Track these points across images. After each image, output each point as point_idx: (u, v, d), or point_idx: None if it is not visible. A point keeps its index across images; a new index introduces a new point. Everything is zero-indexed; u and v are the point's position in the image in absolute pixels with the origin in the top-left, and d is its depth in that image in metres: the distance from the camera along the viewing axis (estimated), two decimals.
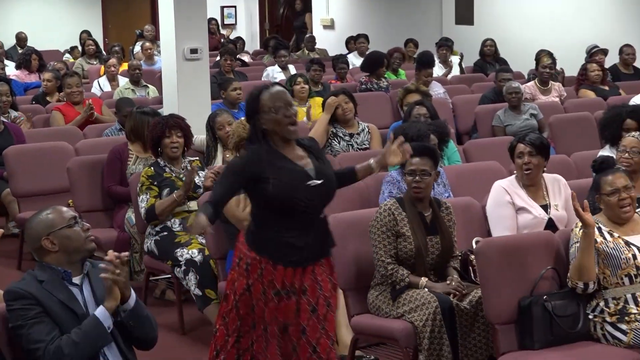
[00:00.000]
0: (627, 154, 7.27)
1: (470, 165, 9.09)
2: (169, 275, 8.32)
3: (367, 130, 10.07)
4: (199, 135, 9.47)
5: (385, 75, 14.26)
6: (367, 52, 16.32)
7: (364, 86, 13.51)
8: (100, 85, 15.12)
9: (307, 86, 12.22)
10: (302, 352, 5.40)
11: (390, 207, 6.55)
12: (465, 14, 20.19)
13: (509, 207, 7.02)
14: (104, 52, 19.45)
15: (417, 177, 6.55)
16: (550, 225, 6.97)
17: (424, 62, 13.37)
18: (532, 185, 7.12)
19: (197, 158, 8.82)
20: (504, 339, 6.01)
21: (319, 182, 5.29)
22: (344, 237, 6.67)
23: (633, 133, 7.58)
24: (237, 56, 17.40)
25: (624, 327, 5.94)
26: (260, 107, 5.31)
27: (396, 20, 21.26)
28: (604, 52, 14.98)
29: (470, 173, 8.59)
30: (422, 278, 6.44)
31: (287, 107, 5.31)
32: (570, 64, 15.29)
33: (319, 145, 5.61)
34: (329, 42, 21.79)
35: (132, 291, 4.89)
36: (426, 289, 6.36)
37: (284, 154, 5.33)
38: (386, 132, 10.01)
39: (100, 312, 4.74)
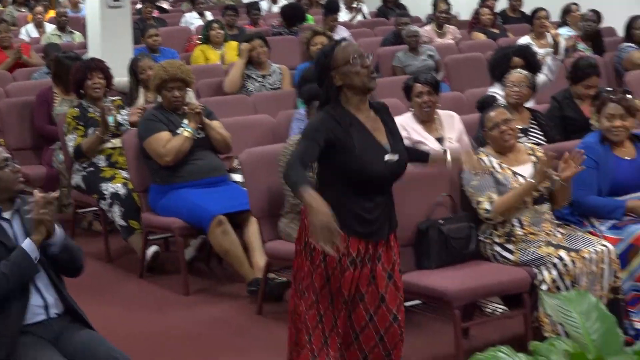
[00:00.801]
0: (516, 88, 7.35)
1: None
2: (96, 208, 8.30)
3: (278, 71, 10.07)
4: (122, 78, 9.40)
5: None
6: None
7: (275, 30, 13.45)
8: (28, 32, 14.93)
9: (222, 31, 12.15)
10: (381, 321, 4.75)
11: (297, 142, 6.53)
12: None
13: (406, 142, 7.05)
14: (32, 0, 19.09)
15: None
16: None
17: (330, 8, 13.39)
18: (429, 120, 7.17)
19: (119, 97, 8.78)
20: (403, 260, 6.02)
21: (395, 158, 4.64)
22: (257, 169, 6.73)
23: (519, 70, 7.67)
24: (157, 3, 17.21)
25: (511, 247, 6.02)
26: (334, 62, 4.56)
27: None
28: None
29: None
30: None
31: (363, 57, 4.57)
32: (464, 8, 15.38)
33: (389, 110, 4.86)
34: None
35: (58, 226, 4.83)
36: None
37: (359, 119, 4.61)
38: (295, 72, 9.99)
39: (27, 244, 4.67)
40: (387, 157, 4.59)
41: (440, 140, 7.11)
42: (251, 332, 6.58)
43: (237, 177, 7.62)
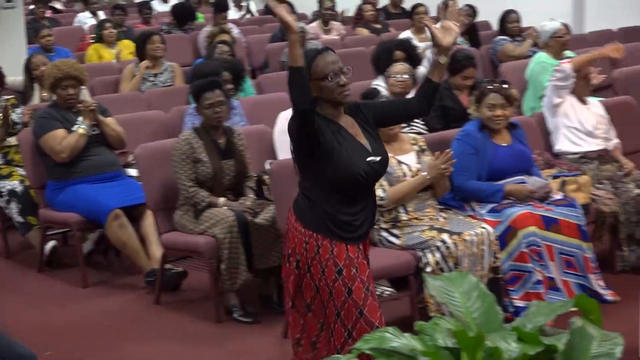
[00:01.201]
0: (400, 79, 7.41)
1: (264, 96, 9.10)
2: None
3: (170, 69, 9.97)
4: (16, 77, 9.25)
5: None
6: None
7: (167, 28, 13.33)
8: None
9: (115, 30, 12.02)
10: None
11: (188, 136, 6.56)
12: None
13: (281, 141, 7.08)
14: None
15: (216, 108, 6.56)
16: None
17: (220, 7, 13.31)
18: None
19: (13, 96, 8.62)
20: None
21: (378, 159, 4.44)
22: (151, 164, 6.71)
23: (401, 62, 7.72)
24: (50, 4, 16.92)
25: (396, 232, 6.06)
26: (312, 73, 4.35)
27: None
28: None
29: (264, 104, 8.59)
30: (220, 198, 6.48)
31: (340, 76, 4.35)
32: (348, 4, 15.44)
33: (362, 111, 4.59)
34: None
35: None
36: (224, 207, 6.40)
37: (339, 122, 4.43)
38: (188, 69, 9.91)
39: None
40: (369, 158, 4.41)
41: None
42: (150, 322, 6.52)
43: (132, 172, 7.53)
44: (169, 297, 6.86)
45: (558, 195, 6.56)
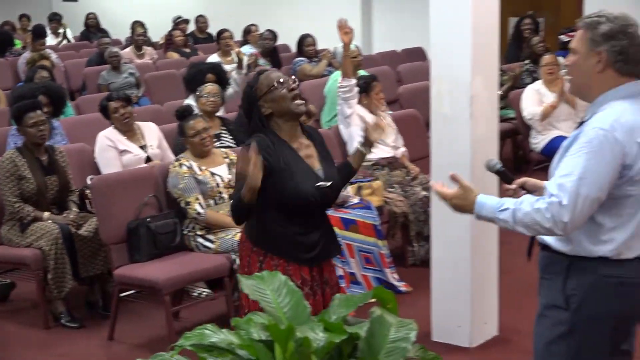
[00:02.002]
0: (212, 98, 7.41)
1: (82, 117, 8.91)
2: None
3: None
4: None
5: None
6: None
7: None
8: None
9: None
10: None
11: (12, 155, 6.39)
12: None
13: (112, 150, 6.95)
14: None
15: (40, 127, 6.41)
16: (149, 160, 6.97)
17: (38, 34, 12.99)
18: (130, 131, 7.08)
19: None
20: (117, 255, 5.97)
21: (328, 184, 4.12)
22: None
23: (211, 83, 7.72)
24: None
25: (211, 237, 6.05)
26: (259, 91, 4.08)
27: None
28: (186, 21, 15.11)
29: (83, 124, 8.43)
30: (45, 212, 6.31)
31: (287, 81, 4.10)
32: (159, 31, 15.33)
33: (321, 136, 4.36)
34: None
35: None
36: (49, 221, 6.24)
37: (292, 146, 4.12)
38: (8, 92, 9.61)
39: None
40: (319, 183, 4.09)
41: (143, 147, 7.05)
42: None
43: None
44: None
45: (355, 200, 6.68)
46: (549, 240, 3.34)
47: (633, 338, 3.47)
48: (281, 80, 4.09)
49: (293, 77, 4.17)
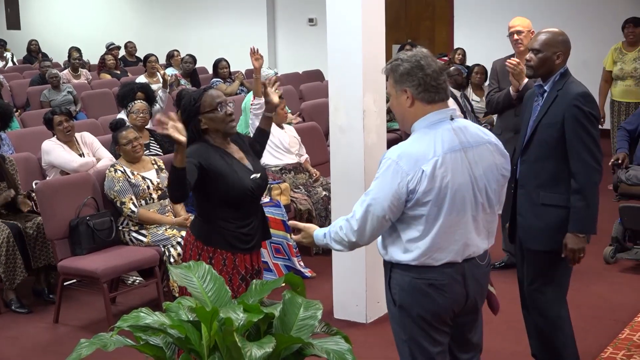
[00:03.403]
0: (141, 114, 7.28)
1: (27, 130, 8.71)
2: None
3: None
4: None
5: None
6: None
7: None
8: None
9: None
10: None
11: None
12: (14, 22, 19.39)
13: (60, 148, 6.80)
14: None
15: None
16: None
17: None
18: (70, 141, 6.94)
19: None
20: (60, 249, 5.86)
21: (258, 175, 4.07)
22: None
23: (141, 100, 7.59)
24: None
25: (144, 232, 5.97)
26: (202, 108, 3.97)
27: None
28: (118, 47, 14.87)
29: (28, 136, 8.25)
30: None
31: (226, 106, 4.01)
32: (94, 55, 15.12)
33: (242, 138, 4.29)
34: None
35: None
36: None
37: (226, 150, 4.05)
38: None
39: None
40: (252, 176, 4.03)
41: (81, 155, 6.91)
42: None
43: None
44: None
45: (266, 199, 6.68)
46: (379, 247, 3.34)
47: (477, 329, 3.43)
48: (221, 104, 4.01)
49: (230, 102, 4.10)
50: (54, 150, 6.85)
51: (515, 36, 6.24)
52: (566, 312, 4.31)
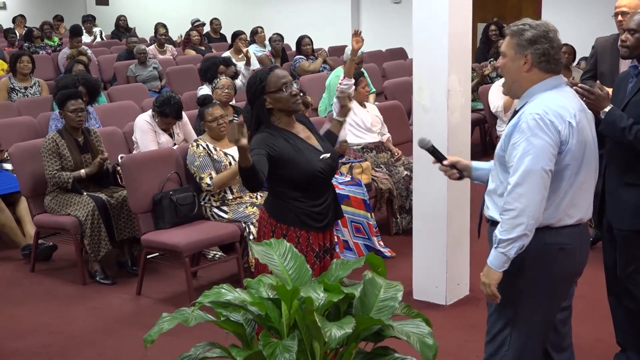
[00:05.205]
0: (226, 90, 7.33)
1: (114, 104, 8.85)
2: None
3: (38, 83, 9.57)
4: None
5: (46, 41, 13.75)
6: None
7: (30, 49, 12.80)
8: None
9: None
10: None
11: (53, 136, 6.34)
12: None
13: (151, 133, 6.86)
14: None
15: (79, 113, 6.37)
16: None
17: (75, 32, 12.91)
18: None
19: None
20: (144, 223, 5.94)
21: (328, 155, 4.03)
22: (24, 159, 6.45)
23: (225, 77, 7.64)
24: None
25: (225, 208, 6.02)
26: (267, 88, 3.94)
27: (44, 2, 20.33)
28: (203, 24, 14.98)
29: (114, 110, 8.41)
30: (82, 170, 6.29)
31: (291, 85, 3.99)
32: (179, 31, 15.28)
33: (309, 119, 4.26)
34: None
35: None
36: (85, 194, 6.19)
37: (292, 132, 4.01)
38: (50, 82, 9.56)
39: None
40: (322, 156, 3.98)
41: (172, 135, 6.96)
42: (26, 286, 6.26)
43: (8, 166, 7.20)
44: (42, 266, 6.62)
45: (347, 177, 6.66)
46: (495, 215, 3.31)
47: (572, 294, 3.52)
48: (287, 84, 3.96)
49: (296, 83, 3.99)
50: (141, 130, 6.87)
51: (620, 17, 5.95)
52: None
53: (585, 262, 3.40)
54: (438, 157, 3.69)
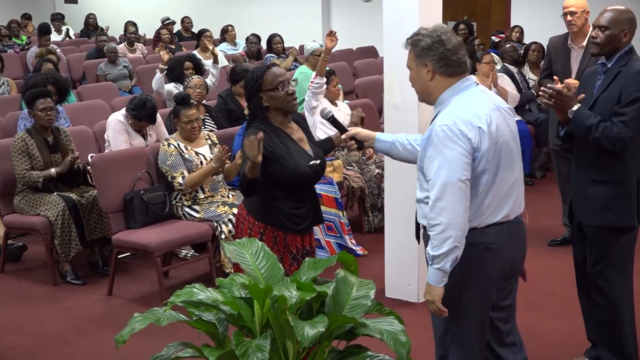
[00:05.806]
0: (198, 90, 7.31)
1: (84, 103, 8.79)
2: None
3: (6, 83, 9.47)
4: None
5: (14, 40, 13.64)
6: None
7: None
8: None
9: None
10: None
11: (22, 136, 6.28)
12: None
13: (124, 133, 6.79)
14: None
15: (48, 112, 6.33)
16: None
17: (43, 31, 12.79)
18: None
19: None
20: (114, 222, 5.91)
21: (318, 162, 3.99)
22: None
23: (197, 76, 7.62)
24: None
25: (197, 207, 6.00)
26: (264, 85, 3.90)
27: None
28: (173, 22, 14.90)
29: (84, 109, 8.33)
30: (51, 169, 6.24)
31: (288, 84, 3.92)
32: (149, 29, 15.19)
33: (306, 120, 4.22)
34: None
35: None
36: (55, 194, 6.14)
37: (286, 131, 3.96)
38: (18, 81, 9.46)
39: None
40: (311, 162, 3.95)
41: (144, 135, 6.86)
42: None
43: None
44: (12, 266, 6.57)
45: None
46: (424, 222, 3.33)
47: (514, 293, 3.52)
48: (283, 83, 3.92)
49: (293, 81, 3.97)
50: (114, 129, 6.76)
51: (569, 17, 6.16)
52: (630, 297, 4.21)
53: (519, 258, 3.39)
54: (340, 128, 3.80)
